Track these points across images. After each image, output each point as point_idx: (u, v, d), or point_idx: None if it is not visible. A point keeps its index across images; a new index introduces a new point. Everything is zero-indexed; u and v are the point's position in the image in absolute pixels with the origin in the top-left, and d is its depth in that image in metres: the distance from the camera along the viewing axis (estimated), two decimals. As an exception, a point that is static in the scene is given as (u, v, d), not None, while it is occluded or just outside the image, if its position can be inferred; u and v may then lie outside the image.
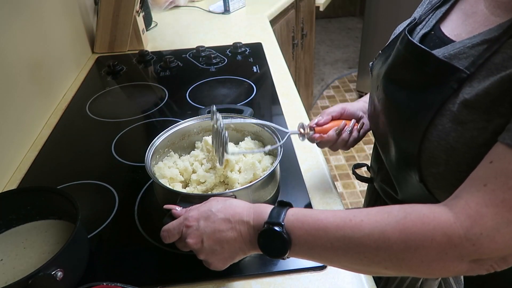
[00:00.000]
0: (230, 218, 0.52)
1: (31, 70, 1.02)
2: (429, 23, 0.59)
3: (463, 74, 0.47)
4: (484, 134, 0.45)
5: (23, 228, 0.69)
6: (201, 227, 0.52)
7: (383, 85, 0.60)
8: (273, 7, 1.80)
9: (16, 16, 0.97)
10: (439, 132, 0.49)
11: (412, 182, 0.56)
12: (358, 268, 0.48)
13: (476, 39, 0.49)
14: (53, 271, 0.55)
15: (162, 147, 0.76)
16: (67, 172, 0.89)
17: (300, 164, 0.86)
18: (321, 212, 0.49)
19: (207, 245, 0.52)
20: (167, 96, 1.17)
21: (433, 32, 0.58)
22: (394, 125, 0.58)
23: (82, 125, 1.07)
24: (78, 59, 1.36)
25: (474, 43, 0.49)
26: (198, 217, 0.53)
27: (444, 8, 0.59)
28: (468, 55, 0.48)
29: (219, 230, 0.51)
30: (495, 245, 0.40)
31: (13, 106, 0.93)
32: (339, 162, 2.46)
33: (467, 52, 0.49)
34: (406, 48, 0.57)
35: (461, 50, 0.50)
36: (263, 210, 0.51)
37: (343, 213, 0.48)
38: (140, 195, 0.80)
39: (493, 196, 0.40)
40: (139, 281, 0.60)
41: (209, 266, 0.54)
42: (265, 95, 1.14)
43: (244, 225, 0.51)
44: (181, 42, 1.54)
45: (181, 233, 0.54)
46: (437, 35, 0.57)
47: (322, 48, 3.98)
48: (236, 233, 0.51)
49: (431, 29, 0.58)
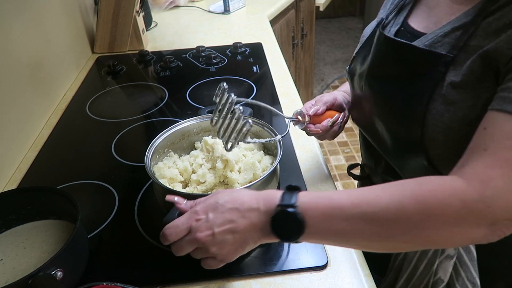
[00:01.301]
0: (239, 207, 0.51)
1: (31, 70, 1.02)
2: (397, 21, 0.64)
3: (447, 58, 0.52)
4: (475, 111, 0.49)
5: (23, 228, 0.69)
6: (210, 219, 0.51)
7: (369, 84, 0.64)
8: (273, 7, 1.80)
9: (16, 16, 0.97)
10: (434, 116, 0.53)
11: (418, 166, 0.58)
12: (375, 246, 0.48)
13: (447, 28, 0.54)
14: (53, 271, 0.55)
15: (162, 147, 0.76)
16: (67, 172, 0.89)
17: (300, 164, 0.86)
18: (334, 193, 0.49)
19: (218, 236, 0.50)
20: (167, 96, 1.17)
21: (403, 28, 0.62)
22: (387, 118, 0.61)
23: (82, 125, 1.07)
24: (78, 59, 1.36)
25: (446, 31, 0.54)
26: (206, 210, 0.52)
27: (409, 6, 0.64)
28: (443, 43, 0.54)
29: (229, 220, 0.50)
30: (508, 204, 0.42)
31: (13, 106, 0.93)
32: (339, 162, 2.46)
33: (441, 40, 0.54)
34: (385, 44, 0.61)
35: (435, 40, 0.55)
36: (273, 195, 0.51)
37: (356, 191, 0.48)
38: (140, 195, 0.80)
39: (496, 158, 0.43)
40: (139, 281, 0.60)
41: (217, 261, 0.52)
42: (265, 95, 1.14)
43: (253, 212, 0.50)
44: (181, 42, 1.54)
45: (189, 229, 0.52)
46: (408, 30, 0.62)
47: (322, 48, 3.98)
48: (246, 221, 0.50)
49: (400, 26, 0.63)
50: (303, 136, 0.95)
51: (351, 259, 0.65)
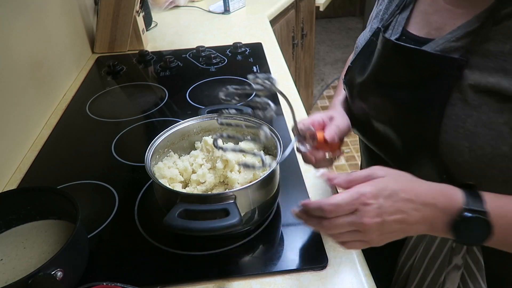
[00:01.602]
0: (414, 198, 0.48)
1: (31, 70, 1.02)
2: (396, 30, 0.62)
3: (462, 62, 0.50)
4: (503, 115, 0.47)
5: (23, 228, 0.69)
6: (382, 206, 0.48)
7: (376, 91, 0.62)
8: (273, 7, 1.80)
9: (16, 17, 0.97)
10: (455, 122, 0.50)
11: (430, 174, 0.55)
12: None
13: (458, 32, 0.52)
14: (53, 271, 0.55)
15: (162, 147, 0.76)
16: (67, 172, 0.89)
17: (300, 164, 0.86)
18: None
19: (387, 225, 0.48)
20: (167, 96, 1.17)
21: (405, 37, 0.61)
22: (400, 124, 0.59)
23: (82, 125, 1.07)
24: (78, 59, 1.36)
25: (458, 36, 0.52)
26: (376, 195, 0.48)
27: (406, 14, 0.62)
28: (456, 47, 0.52)
29: (401, 210, 0.48)
30: None
31: (13, 106, 0.93)
32: (339, 162, 2.46)
33: (453, 45, 0.52)
34: (392, 51, 0.59)
35: (446, 45, 0.53)
36: (452, 193, 0.49)
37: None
38: (140, 195, 0.80)
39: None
40: (139, 281, 0.60)
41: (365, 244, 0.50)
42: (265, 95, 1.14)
43: (429, 207, 0.48)
44: (181, 42, 1.54)
45: (353, 210, 0.48)
46: (409, 37, 0.60)
47: (322, 48, 3.98)
48: (419, 215, 0.48)
49: (400, 34, 0.61)
50: (303, 136, 0.95)
51: (351, 259, 0.65)
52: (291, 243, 0.67)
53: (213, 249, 0.67)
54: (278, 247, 0.67)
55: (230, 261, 0.65)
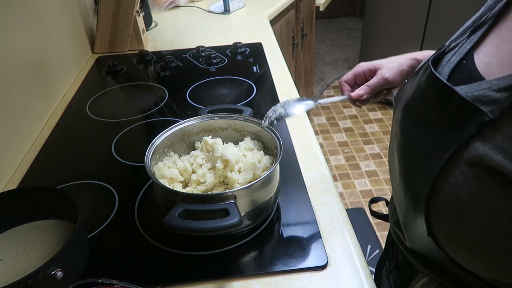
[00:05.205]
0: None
1: (31, 70, 1.03)
2: (462, 50, 0.50)
3: (486, 118, 0.39)
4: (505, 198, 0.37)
5: (23, 228, 0.69)
6: None
7: (400, 119, 0.53)
8: (273, 7, 1.80)
9: (16, 17, 0.97)
10: (451, 185, 0.41)
11: (420, 233, 0.48)
12: None
13: (504, 82, 0.40)
14: (53, 271, 0.55)
15: (162, 147, 0.76)
16: (67, 172, 0.89)
17: (300, 164, 0.86)
18: None
19: None
20: (167, 96, 1.17)
21: (465, 62, 0.49)
22: (405, 165, 0.51)
23: (82, 125, 1.07)
24: (78, 59, 1.36)
25: (501, 86, 0.40)
26: None
27: (480, 32, 0.50)
28: (492, 99, 0.40)
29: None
30: None
31: (13, 106, 0.93)
32: (339, 162, 2.46)
33: (492, 95, 0.40)
34: (428, 81, 0.49)
35: (485, 93, 0.41)
36: None
37: None
38: (140, 195, 0.80)
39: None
40: (139, 281, 0.60)
41: None
42: (265, 95, 1.14)
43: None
44: (181, 42, 1.54)
45: None
46: (468, 65, 0.48)
47: (322, 48, 3.99)
48: None
49: (463, 56, 0.49)
50: (303, 136, 0.95)
51: (351, 259, 0.65)
52: (291, 243, 0.67)
53: (213, 249, 0.67)
54: (278, 247, 0.67)
55: (230, 261, 0.65)
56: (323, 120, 2.86)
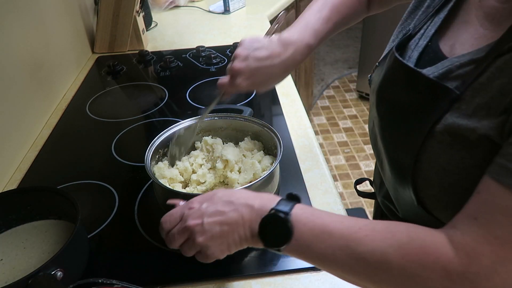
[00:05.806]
0: (234, 200, 0.50)
1: (31, 70, 1.02)
2: (428, 33, 0.55)
3: (453, 94, 0.45)
4: (474, 158, 0.44)
5: (23, 228, 0.69)
6: (202, 208, 0.51)
7: (376, 103, 0.59)
8: (273, 7, 1.80)
9: (16, 17, 0.97)
10: (430, 154, 0.48)
11: (411, 202, 0.53)
12: (350, 279, 0.47)
13: (464, 58, 0.47)
14: (53, 271, 0.55)
15: (162, 147, 0.76)
16: (67, 172, 0.89)
17: (300, 164, 0.86)
18: (329, 215, 0.48)
19: (206, 225, 0.50)
20: (167, 96, 1.17)
21: (430, 44, 0.54)
22: (387, 145, 0.56)
23: (82, 125, 1.07)
24: (78, 59, 1.36)
25: (462, 62, 0.46)
26: (201, 200, 0.52)
27: (443, 15, 0.54)
28: (457, 75, 0.47)
29: (220, 211, 0.50)
30: (492, 285, 0.39)
31: (13, 106, 0.93)
32: (339, 162, 2.46)
33: (455, 71, 0.47)
34: (394, 66, 0.54)
35: (450, 69, 0.47)
36: (270, 198, 0.50)
37: (350, 221, 0.47)
38: (140, 195, 0.80)
39: (486, 232, 0.40)
40: (139, 281, 0.60)
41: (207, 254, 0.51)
42: (265, 95, 1.14)
43: (247, 208, 0.50)
44: (181, 42, 1.54)
45: (182, 217, 0.52)
46: (433, 47, 0.54)
47: (322, 48, 3.98)
48: (237, 215, 0.49)
49: (429, 40, 0.55)
50: (303, 136, 0.95)
51: (351, 259, 0.64)
52: (291, 243, 0.67)
53: (213, 249, 0.67)
54: (278, 247, 0.66)
55: (230, 261, 0.65)
56: (323, 120, 2.86)
